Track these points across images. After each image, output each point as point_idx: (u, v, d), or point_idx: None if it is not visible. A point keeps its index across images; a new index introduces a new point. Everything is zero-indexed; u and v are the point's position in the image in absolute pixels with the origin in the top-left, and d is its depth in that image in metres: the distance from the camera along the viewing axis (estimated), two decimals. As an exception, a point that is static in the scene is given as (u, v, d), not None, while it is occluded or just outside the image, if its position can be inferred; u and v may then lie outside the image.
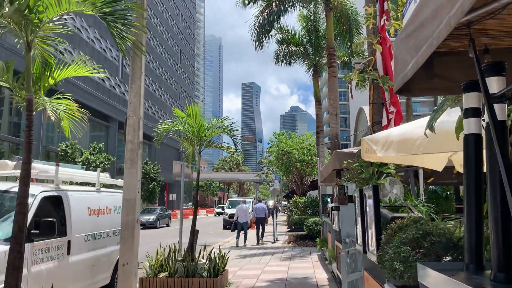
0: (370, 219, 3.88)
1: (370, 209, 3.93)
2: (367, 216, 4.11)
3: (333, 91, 16.57)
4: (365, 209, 4.18)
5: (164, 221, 33.63)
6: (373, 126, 8.39)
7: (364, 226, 4.28)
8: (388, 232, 3.20)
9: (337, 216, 7.68)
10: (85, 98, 35.31)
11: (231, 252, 14.41)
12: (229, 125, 8.04)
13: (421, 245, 2.63)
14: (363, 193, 4.24)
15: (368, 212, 4.02)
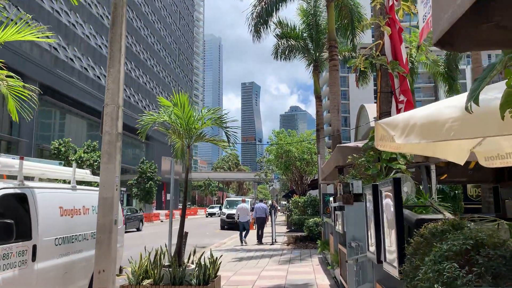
0: (389, 222, 3.09)
1: (387, 210, 3.14)
2: (382, 219, 3.31)
3: (334, 85, 15.79)
4: (380, 210, 3.38)
5: (133, 224, 27.75)
6: (381, 117, 7.59)
7: (378, 231, 3.48)
8: (417, 240, 2.41)
9: (341, 217, 6.90)
10: (80, 96, 34.57)
11: (227, 254, 13.64)
12: (222, 116, 7.23)
13: (473, 261, 1.83)
14: (378, 190, 3.44)
15: (385, 213, 3.23)
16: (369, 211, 3.87)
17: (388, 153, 7.15)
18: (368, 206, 4.01)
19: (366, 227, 4.23)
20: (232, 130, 7.24)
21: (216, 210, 50.72)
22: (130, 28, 47.12)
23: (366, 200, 4.19)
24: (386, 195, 3.15)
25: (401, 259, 2.57)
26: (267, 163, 33.86)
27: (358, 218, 6.60)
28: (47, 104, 32.07)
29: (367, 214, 4.10)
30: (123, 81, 6.32)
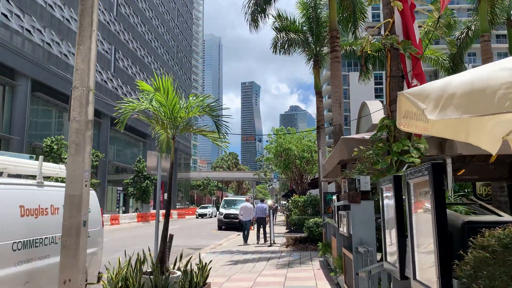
0: (419, 225, 2.25)
1: (420, 209, 2.29)
2: (411, 220, 2.46)
3: (336, 78, 14.93)
4: (408, 209, 2.52)
5: None
6: (391, 105, 6.73)
7: (403, 236, 2.63)
8: (478, 256, 1.55)
9: (346, 218, 6.05)
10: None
11: (222, 257, 12.81)
12: (211, 103, 6.37)
13: None
14: (403, 182, 2.58)
15: (415, 213, 2.38)
16: (388, 210, 3.04)
17: (399, 145, 6.30)
18: (385, 204, 3.16)
19: (382, 230, 3.38)
20: (223, 120, 6.37)
21: (208, 210, 46.88)
22: (127, 24, 46.27)
23: (382, 197, 3.34)
24: (419, 188, 2.30)
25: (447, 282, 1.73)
26: (266, 162, 32.98)
27: (366, 219, 5.78)
28: (39, 101, 31.22)
29: (384, 214, 3.25)
30: (94, 60, 5.47)
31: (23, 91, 28.52)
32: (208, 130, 6.63)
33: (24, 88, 28.57)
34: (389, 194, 2.92)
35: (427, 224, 2.08)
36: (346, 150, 6.88)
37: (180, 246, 17.28)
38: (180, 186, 70.09)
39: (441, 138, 6.65)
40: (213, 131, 6.59)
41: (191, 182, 78.76)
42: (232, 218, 26.68)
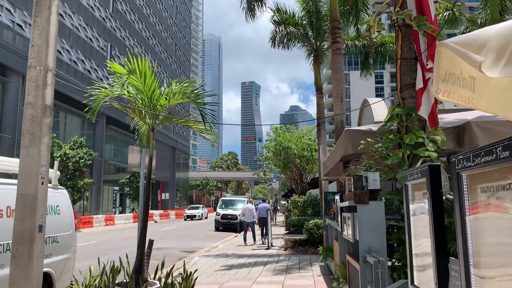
0: (481, 240, 1.42)
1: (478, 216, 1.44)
2: (466, 234, 1.60)
3: (337, 71, 14.10)
4: (459, 213, 1.66)
5: None
6: (402, 91, 5.90)
7: (441, 255, 1.79)
8: None
9: (352, 221, 5.22)
10: (70, 91, 32.88)
11: (216, 261, 11.98)
12: (195, 90, 5.53)
13: None
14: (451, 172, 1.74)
15: (474, 222, 1.53)
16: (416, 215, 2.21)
17: (412, 137, 5.46)
18: (413, 208, 2.32)
19: (407, 243, 2.54)
20: (209, 108, 5.52)
21: (198, 211, 41.63)
22: (123, 21, 45.43)
23: (407, 197, 2.51)
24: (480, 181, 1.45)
25: None
26: (265, 161, 32.16)
27: (376, 223, 4.94)
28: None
29: (410, 220, 2.42)
30: (55, 35, 4.63)
31: (14, 88, 27.69)
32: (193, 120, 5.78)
33: (15, 85, 27.73)
34: (419, 193, 2.10)
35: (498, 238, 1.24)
36: (350, 143, 6.04)
37: (173, 249, 16.49)
38: (179, 186, 69.26)
39: (459, 129, 5.82)
40: (198, 121, 5.75)
41: (190, 182, 77.94)
42: (229, 219, 25.87)
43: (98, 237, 21.53)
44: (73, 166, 25.79)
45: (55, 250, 5.93)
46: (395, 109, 5.81)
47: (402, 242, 5.40)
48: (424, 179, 1.98)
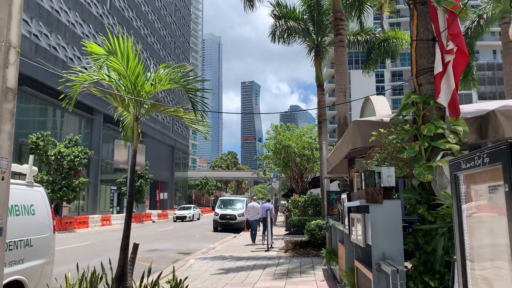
0: None
1: None
2: None
3: (340, 65, 13.46)
4: None
5: None
6: (418, 76, 5.26)
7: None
8: None
9: (362, 223, 4.57)
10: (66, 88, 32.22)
11: (213, 264, 11.34)
12: (185, 75, 4.88)
13: None
14: None
15: None
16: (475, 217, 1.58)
17: (431, 127, 4.81)
18: (468, 207, 1.67)
19: (457, 253, 1.89)
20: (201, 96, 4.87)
21: (188, 212, 37.23)
22: (121, 18, 44.77)
23: (458, 191, 1.86)
24: None
25: None
26: (265, 160, 31.51)
27: (392, 225, 4.29)
28: (26, 95, 29.72)
29: (462, 223, 1.78)
30: (20, 7, 3.99)
31: None
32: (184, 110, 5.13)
33: None
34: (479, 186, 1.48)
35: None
36: (359, 135, 5.40)
37: (168, 250, 15.84)
38: (178, 186, 68.61)
39: (481, 119, 5.18)
40: (189, 110, 5.10)
41: (189, 181, 77.27)
42: (228, 219, 25.23)
43: (92, 238, 20.89)
44: (68, 165, 25.14)
45: (29, 255, 5.29)
46: (410, 96, 5.17)
47: (419, 247, 4.76)
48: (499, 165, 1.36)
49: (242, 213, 25.45)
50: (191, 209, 38.16)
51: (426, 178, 4.52)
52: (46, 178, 24.71)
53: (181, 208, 39.94)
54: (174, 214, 37.38)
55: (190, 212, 37.31)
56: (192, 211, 37.78)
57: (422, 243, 4.66)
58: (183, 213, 36.87)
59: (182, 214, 36.78)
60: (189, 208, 39.14)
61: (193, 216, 37.25)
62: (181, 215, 36.57)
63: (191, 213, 37.11)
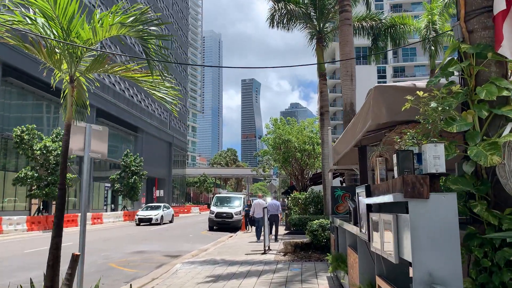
0: None
1: None
2: None
3: (346, 45, 11.99)
4: None
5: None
6: (469, 20, 3.77)
7: None
8: None
9: (395, 228, 3.10)
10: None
11: (202, 269, 9.92)
12: (140, 16, 3.41)
13: None
14: None
15: None
16: None
17: (491, 89, 3.31)
18: None
19: None
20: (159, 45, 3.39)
21: (155, 213, 29.84)
22: (115, 9, 43.17)
23: None
24: None
25: None
26: (263, 155, 30.05)
27: (443, 231, 2.85)
28: (13, 87, 28.25)
29: None
30: None
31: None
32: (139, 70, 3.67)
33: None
34: None
35: None
36: (383, 105, 3.93)
37: (155, 253, 14.37)
38: (176, 183, 67.18)
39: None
40: (145, 72, 3.63)
41: (187, 179, 75.81)
42: (224, 217, 23.78)
43: (76, 238, 19.38)
44: (55, 160, 23.68)
45: None
46: (457, 47, 3.68)
47: (474, 262, 3.31)
48: None
49: (240, 211, 24.04)
50: (160, 210, 30.66)
51: (489, 162, 3.06)
52: (30, 174, 23.27)
53: (147, 208, 31.97)
54: (137, 216, 29.94)
55: (158, 213, 29.97)
56: (160, 211, 30.35)
57: (480, 256, 3.21)
58: (148, 215, 29.51)
59: (147, 215, 29.46)
60: (157, 207, 31.36)
61: (161, 219, 29.83)
62: (145, 217, 29.35)
63: (159, 215, 29.77)
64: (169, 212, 31.95)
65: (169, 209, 32.50)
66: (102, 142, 5.73)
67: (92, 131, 5.59)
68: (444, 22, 21.23)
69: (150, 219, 29.03)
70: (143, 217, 29.29)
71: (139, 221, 29.24)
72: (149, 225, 28.55)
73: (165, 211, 31.00)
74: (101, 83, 39.36)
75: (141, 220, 29.14)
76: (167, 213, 31.25)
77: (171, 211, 32.51)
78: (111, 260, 11.90)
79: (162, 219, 29.84)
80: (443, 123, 3.25)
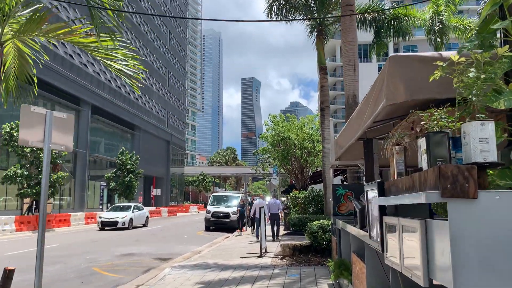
0: None
1: None
2: None
3: (349, 32, 11.16)
4: None
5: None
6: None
7: None
8: None
9: (423, 238, 2.27)
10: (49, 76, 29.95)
11: (192, 274, 9.12)
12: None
13: None
14: None
15: None
16: None
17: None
18: None
19: None
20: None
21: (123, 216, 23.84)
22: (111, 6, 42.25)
23: None
24: None
25: None
26: (262, 153, 29.24)
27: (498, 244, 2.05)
28: (3, 82, 27.38)
29: None
30: None
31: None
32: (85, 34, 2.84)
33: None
34: None
35: None
36: (401, 81, 3.09)
37: (145, 255, 13.53)
38: (174, 182, 66.35)
39: None
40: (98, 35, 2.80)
41: (186, 177, 74.94)
42: (221, 217, 22.97)
43: (66, 238, 18.60)
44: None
45: None
46: (498, 2, 2.85)
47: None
48: None
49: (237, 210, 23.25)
50: (128, 211, 24.63)
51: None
52: (20, 172, 22.45)
53: (114, 208, 26.03)
54: (99, 219, 24.05)
55: (126, 215, 23.94)
56: (130, 213, 24.37)
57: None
58: (113, 217, 23.56)
59: (112, 218, 23.51)
60: (125, 208, 25.31)
61: (130, 222, 23.89)
62: (110, 220, 23.47)
63: (127, 217, 23.80)
64: (142, 214, 26.39)
65: (141, 210, 26.81)
66: (67, 132, 4.91)
67: (54, 118, 4.76)
68: (450, 13, 20.39)
69: (115, 223, 23.18)
70: (107, 220, 23.45)
71: (102, 225, 23.42)
72: (115, 229, 22.99)
73: (136, 212, 25.21)
74: (96, 80, 38.52)
75: (104, 223, 23.41)
76: (138, 215, 25.60)
77: (144, 212, 27.12)
78: (96, 264, 11.08)
79: (131, 223, 23.97)
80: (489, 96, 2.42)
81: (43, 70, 29.43)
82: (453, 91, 2.79)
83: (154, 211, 39.72)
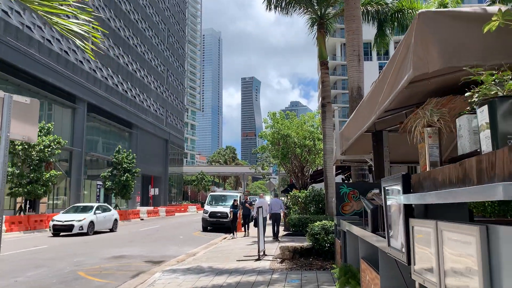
0: None
1: None
2: None
3: (353, 20, 10.45)
4: None
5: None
6: None
7: None
8: None
9: (485, 253, 1.54)
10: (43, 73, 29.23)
11: (184, 279, 8.43)
12: None
13: None
14: None
15: None
16: None
17: None
18: None
19: None
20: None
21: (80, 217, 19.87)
22: (108, 1, 41.64)
23: None
24: None
25: None
26: (261, 151, 28.52)
27: None
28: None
29: None
30: None
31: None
32: None
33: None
34: None
35: None
36: (435, 44, 2.37)
37: (136, 258, 12.76)
38: (173, 181, 65.60)
39: None
40: None
41: (185, 177, 74.21)
42: (219, 217, 22.26)
43: (53, 241, 17.79)
44: (38, 156, 22.13)
45: None
46: None
47: None
48: None
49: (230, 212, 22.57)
50: (89, 213, 20.53)
51: None
52: (11, 170, 21.70)
53: (72, 209, 21.49)
54: (52, 222, 19.82)
55: (84, 217, 19.92)
56: (91, 216, 20.34)
57: None
58: (68, 220, 19.47)
59: (66, 222, 19.41)
60: (86, 209, 21.12)
61: (89, 226, 19.88)
62: (64, 224, 19.35)
63: (85, 221, 19.77)
64: (108, 217, 21.88)
65: (108, 211, 22.34)
66: (30, 120, 4.20)
67: (13, 103, 4.05)
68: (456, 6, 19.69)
69: (70, 227, 19.14)
70: (61, 224, 19.33)
71: (54, 229, 19.39)
72: (70, 235, 18.94)
73: (99, 214, 20.95)
74: (92, 77, 37.80)
75: (57, 228, 19.35)
76: (103, 218, 21.26)
77: (112, 214, 22.50)
78: (82, 268, 10.37)
79: (91, 227, 19.92)
80: None
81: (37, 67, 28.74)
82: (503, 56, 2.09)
83: (151, 211, 39.03)
